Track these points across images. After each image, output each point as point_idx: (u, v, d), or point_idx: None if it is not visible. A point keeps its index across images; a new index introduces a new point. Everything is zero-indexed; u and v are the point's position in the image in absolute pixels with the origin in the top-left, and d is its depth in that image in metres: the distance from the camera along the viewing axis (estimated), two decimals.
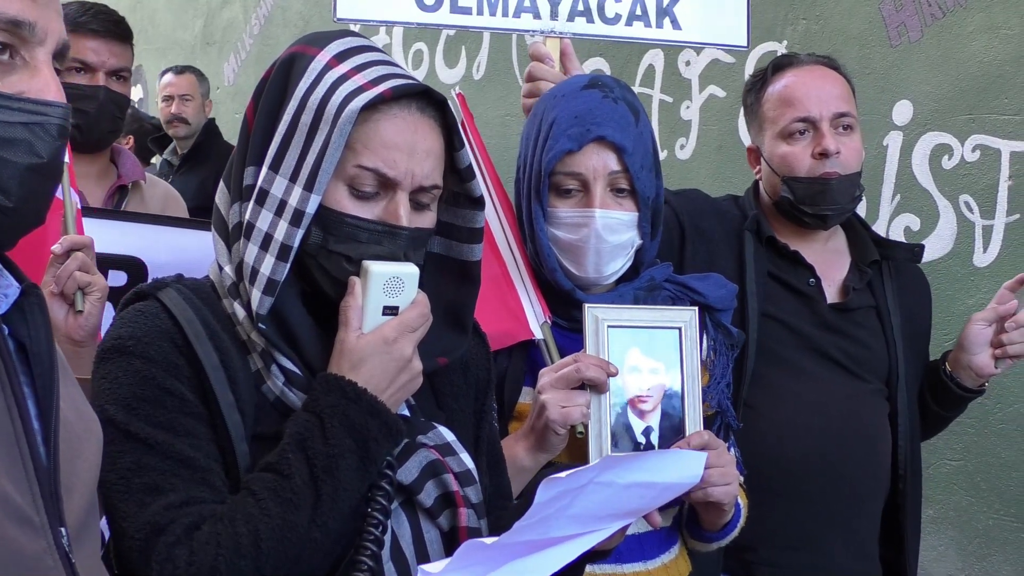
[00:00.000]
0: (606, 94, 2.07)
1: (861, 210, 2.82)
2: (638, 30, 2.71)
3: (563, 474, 1.35)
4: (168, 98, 6.25)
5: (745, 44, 2.73)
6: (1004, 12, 3.61)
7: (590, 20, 2.65)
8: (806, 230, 2.62)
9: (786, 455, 2.48)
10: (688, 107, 4.63)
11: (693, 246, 2.55)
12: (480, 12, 2.60)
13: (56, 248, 2.13)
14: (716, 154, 4.54)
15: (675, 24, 2.71)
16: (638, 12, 2.69)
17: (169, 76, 6.34)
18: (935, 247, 3.76)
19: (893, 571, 2.64)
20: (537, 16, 2.61)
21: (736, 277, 2.49)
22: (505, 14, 2.61)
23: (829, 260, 2.64)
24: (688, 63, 4.58)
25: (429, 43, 5.82)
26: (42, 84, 1.18)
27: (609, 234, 2.03)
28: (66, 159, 2.33)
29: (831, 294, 2.61)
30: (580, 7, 2.64)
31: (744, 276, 2.53)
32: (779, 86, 2.60)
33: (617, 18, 2.68)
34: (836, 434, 2.50)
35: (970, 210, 3.70)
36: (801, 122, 2.54)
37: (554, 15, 2.61)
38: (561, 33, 2.58)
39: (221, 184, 1.60)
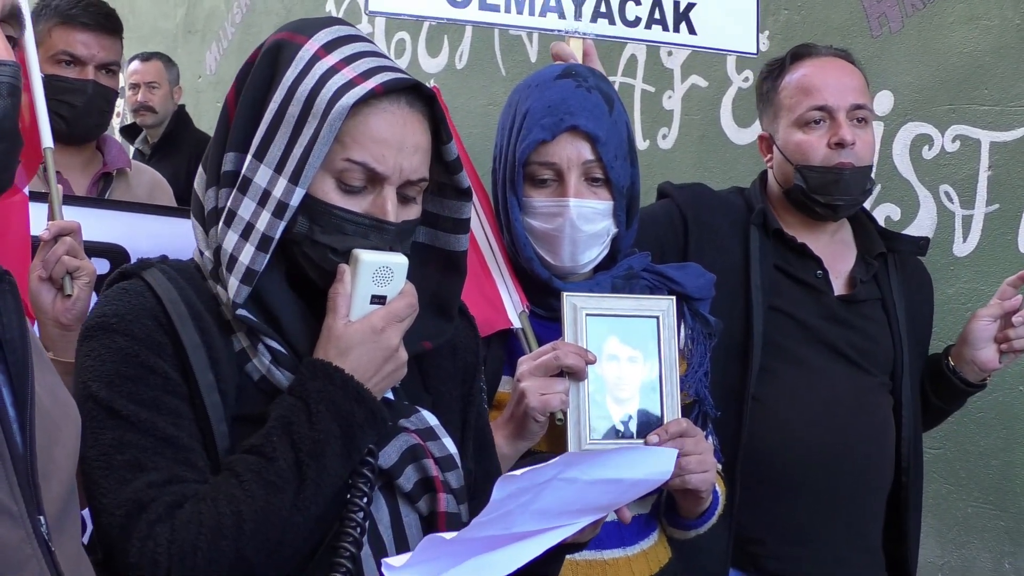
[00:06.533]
0: (579, 83, 2.07)
1: None
2: (656, 33, 2.73)
3: (519, 472, 1.34)
4: (134, 86, 5.92)
5: (755, 51, 2.73)
6: (984, 3, 3.62)
7: (612, 22, 2.67)
8: (813, 222, 2.62)
9: (793, 448, 2.49)
10: (670, 97, 4.63)
11: (697, 240, 2.55)
12: (508, 10, 2.62)
13: (44, 233, 2.14)
14: (698, 144, 4.54)
15: (691, 29, 2.74)
16: (656, 16, 2.71)
17: (135, 63, 5.98)
18: None
19: (894, 562, 2.66)
20: (562, 16, 2.63)
21: (742, 270, 2.52)
22: (532, 12, 2.63)
23: (836, 252, 2.65)
24: (670, 53, 4.57)
25: (412, 32, 5.79)
26: None
27: (584, 223, 2.04)
28: (50, 144, 2.33)
29: (838, 286, 2.61)
30: (603, 8, 2.66)
31: (749, 269, 2.53)
32: (798, 74, 2.61)
33: (637, 21, 2.70)
34: (843, 428, 2.51)
35: (950, 200, 3.72)
36: (818, 111, 2.55)
37: (578, 15, 2.63)
38: (584, 34, 2.60)
39: (200, 169, 1.60)
